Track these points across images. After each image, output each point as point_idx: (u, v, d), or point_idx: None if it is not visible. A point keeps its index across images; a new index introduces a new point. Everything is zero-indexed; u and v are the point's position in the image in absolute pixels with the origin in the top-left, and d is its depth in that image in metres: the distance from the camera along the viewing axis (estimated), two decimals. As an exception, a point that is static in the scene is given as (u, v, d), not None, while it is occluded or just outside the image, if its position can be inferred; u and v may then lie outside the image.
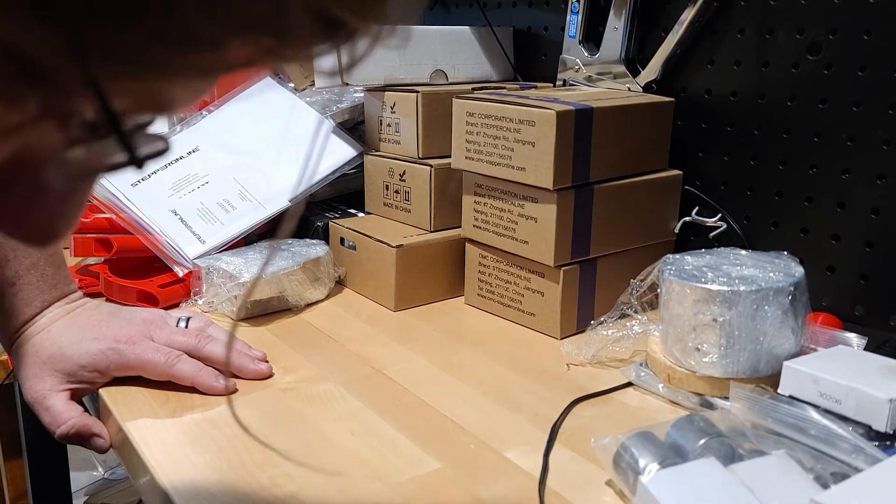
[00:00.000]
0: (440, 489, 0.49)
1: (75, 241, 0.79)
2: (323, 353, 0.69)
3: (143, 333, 0.61)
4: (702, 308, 0.57)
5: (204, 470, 0.50)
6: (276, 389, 0.62)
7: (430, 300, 0.82)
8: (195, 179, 0.86)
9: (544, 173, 0.69)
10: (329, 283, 0.83)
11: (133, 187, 0.84)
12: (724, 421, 0.50)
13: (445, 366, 0.67)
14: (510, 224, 0.74)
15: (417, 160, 0.84)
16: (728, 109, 0.80)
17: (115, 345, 0.59)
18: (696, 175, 0.83)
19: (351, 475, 0.50)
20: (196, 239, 0.81)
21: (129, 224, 0.81)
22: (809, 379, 0.51)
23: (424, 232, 0.83)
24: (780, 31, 0.75)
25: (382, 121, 0.88)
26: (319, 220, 0.89)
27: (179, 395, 0.60)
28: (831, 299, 0.74)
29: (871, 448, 0.46)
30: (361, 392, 0.62)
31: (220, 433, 0.55)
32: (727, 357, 0.57)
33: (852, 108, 0.70)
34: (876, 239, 0.70)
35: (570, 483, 0.50)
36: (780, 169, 0.76)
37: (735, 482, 0.43)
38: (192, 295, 0.78)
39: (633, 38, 0.87)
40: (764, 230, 0.79)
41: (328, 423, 0.57)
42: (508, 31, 1.02)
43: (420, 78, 0.92)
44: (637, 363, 0.64)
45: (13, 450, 1.44)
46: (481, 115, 0.74)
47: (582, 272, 0.73)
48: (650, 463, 0.46)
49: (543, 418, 0.58)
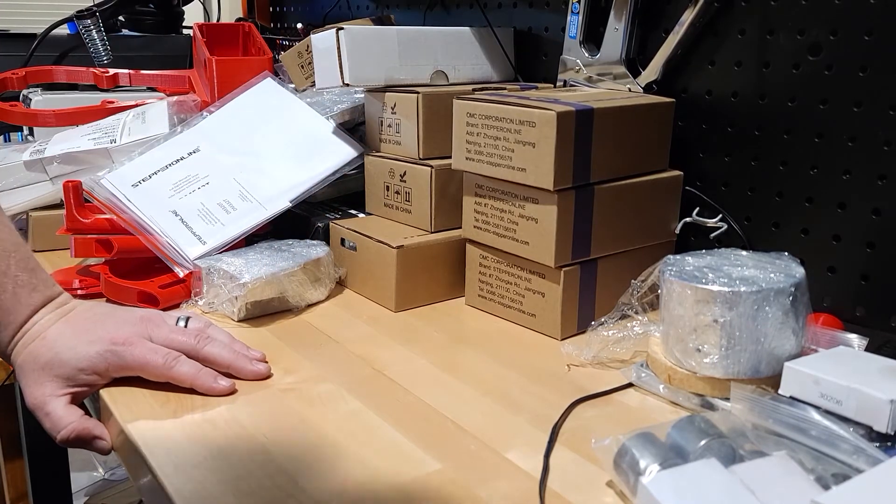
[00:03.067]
0: (440, 490, 0.49)
1: (76, 242, 0.79)
2: (323, 353, 0.69)
3: (140, 333, 0.61)
4: (702, 309, 0.57)
5: (204, 470, 0.50)
6: (276, 390, 0.62)
7: (431, 301, 0.82)
8: (196, 180, 0.86)
9: (545, 174, 0.69)
10: (330, 283, 0.83)
11: (134, 188, 0.84)
12: (725, 422, 0.50)
13: (446, 366, 0.67)
14: (511, 225, 0.74)
15: (418, 161, 0.84)
16: (729, 110, 0.80)
17: (112, 346, 0.59)
18: (696, 176, 0.83)
19: (351, 476, 0.50)
20: (196, 239, 0.81)
21: (129, 225, 0.81)
22: (810, 380, 0.51)
23: (425, 233, 0.83)
24: (781, 32, 0.75)
25: (383, 121, 0.88)
26: (320, 221, 0.89)
27: (180, 396, 0.60)
28: (832, 300, 0.74)
29: (871, 449, 0.46)
30: (362, 393, 0.62)
31: (220, 434, 0.55)
32: (728, 358, 0.57)
33: (853, 109, 0.70)
34: (877, 239, 0.70)
35: (570, 484, 0.50)
36: (781, 169, 0.76)
37: (736, 483, 0.43)
38: (192, 296, 0.78)
39: (634, 39, 0.87)
40: (765, 231, 0.79)
41: (329, 424, 0.57)
42: (509, 32, 1.02)
43: (421, 79, 0.92)
44: (638, 364, 0.64)
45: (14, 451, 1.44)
46: (482, 116, 0.74)
47: (582, 273, 0.73)
48: (651, 464, 0.46)
49: (544, 419, 0.58)
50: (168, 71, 1.19)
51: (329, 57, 0.87)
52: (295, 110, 0.94)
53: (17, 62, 1.24)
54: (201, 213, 0.83)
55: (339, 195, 0.97)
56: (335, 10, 1.42)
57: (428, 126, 0.84)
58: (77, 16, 1.29)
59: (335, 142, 0.91)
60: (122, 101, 1.07)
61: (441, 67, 0.94)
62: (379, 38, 0.88)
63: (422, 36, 0.92)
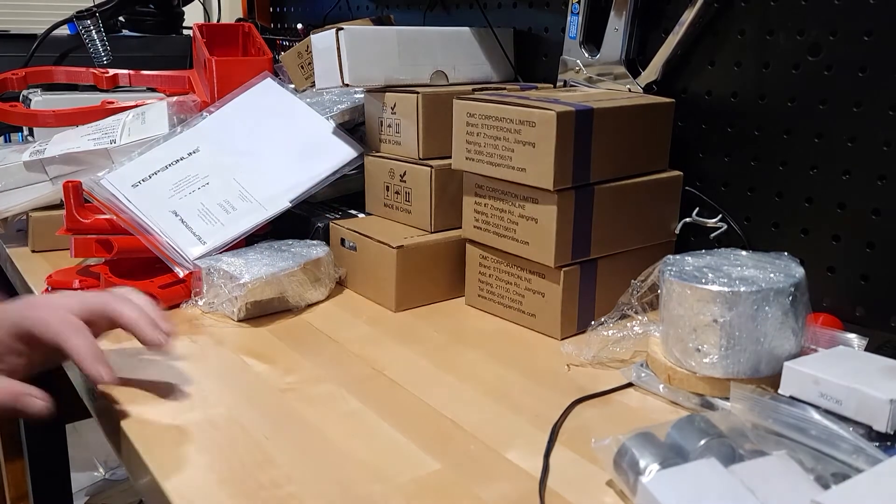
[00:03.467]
0: (440, 490, 0.49)
1: (76, 242, 0.79)
2: (323, 353, 0.69)
3: (49, 303, 0.59)
4: (702, 309, 0.57)
5: (204, 470, 0.50)
6: (276, 390, 0.62)
7: (431, 301, 0.82)
8: (196, 180, 0.86)
9: (545, 174, 0.69)
10: (329, 283, 0.83)
11: (134, 188, 0.84)
12: (725, 421, 0.50)
13: (446, 366, 0.67)
14: (511, 225, 0.74)
15: (418, 161, 0.84)
16: (728, 110, 0.80)
17: (21, 314, 0.58)
18: (696, 176, 0.84)
19: (351, 476, 0.50)
20: (197, 240, 0.81)
21: (129, 225, 0.81)
22: (810, 379, 0.51)
23: (425, 233, 0.83)
24: (781, 32, 0.75)
25: (383, 122, 0.88)
26: (320, 221, 0.89)
27: (180, 397, 0.60)
28: (832, 300, 0.74)
29: (871, 449, 0.46)
30: (362, 393, 0.62)
31: (220, 434, 0.55)
32: (728, 358, 0.57)
33: (853, 109, 0.70)
34: (876, 239, 0.70)
35: (570, 484, 0.50)
36: (781, 170, 0.76)
37: (736, 483, 0.43)
38: (192, 295, 0.78)
39: (634, 39, 0.87)
40: (764, 231, 0.79)
41: (328, 424, 0.57)
42: (509, 32, 1.02)
43: (420, 79, 0.92)
44: (637, 364, 0.64)
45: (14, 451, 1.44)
46: (482, 116, 0.74)
47: (582, 273, 0.73)
48: (651, 463, 0.46)
49: (544, 419, 0.58)
50: (168, 71, 1.20)
51: (329, 57, 0.87)
52: (295, 111, 0.94)
53: (17, 63, 1.24)
54: (201, 213, 0.83)
55: (339, 195, 0.97)
56: (335, 11, 1.42)
57: (428, 126, 0.84)
58: (77, 16, 1.29)
59: (335, 142, 0.91)
60: (122, 102, 1.07)
61: (441, 68, 0.94)
62: (379, 38, 0.88)
63: (422, 36, 0.92)
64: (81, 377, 0.66)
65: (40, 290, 0.81)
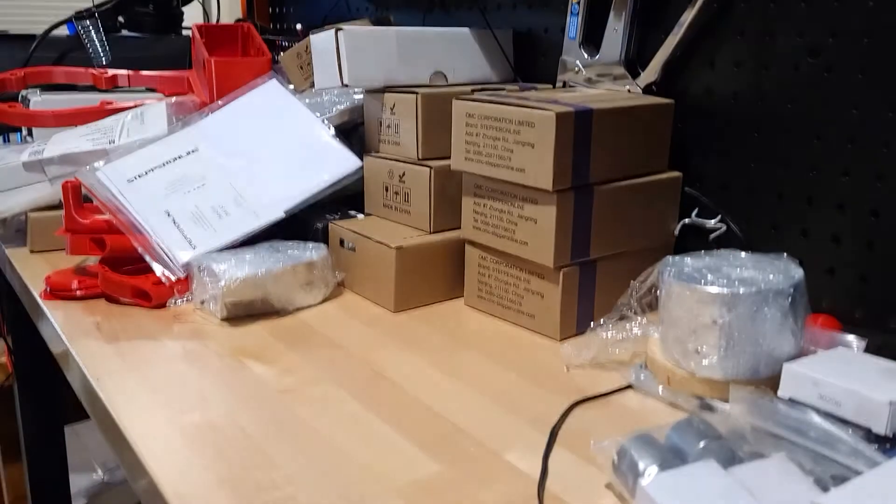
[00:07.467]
0: (439, 492, 0.49)
1: (71, 240, 0.80)
2: (322, 354, 0.69)
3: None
4: (701, 310, 0.57)
5: (203, 472, 0.50)
6: (275, 391, 0.62)
7: (430, 302, 0.82)
8: (192, 181, 0.85)
9: (544, 175, 0.69)
10: (325, 288, 0.82)
11: (129, 183, 0.84)
12: (724, 423, 0.50)
13: (445, 367, 0.67)
14: (510, 225, 0.74)
15: (417, 161, 0.84)
16: (728, 111, 0.80)
17: None
18: (695, 177, 0.83)
19: (350, 477, 0.50)
20: (187, 243, 0.80)
21: (123, 226, 0.81)
22: (809, 381, 0.51)
23: (424, 233, 0.83)
24: (781, 33, 0.75)
25: (382, 122, 0.88)
26: (319, 222, 0.89)
27: (179, 397, 0.60)
28: (831, 301, 0.74)
29: (870, 451, 0.46)
30: (361, 394, 0.61)
31: (219, 435, 0.55)
32: (727, 359, 0.57)
33: (852, 111, 0.70)
34: (876, 241, 0.70)
35: (569, 486, 0.50)
36: (780, 171, 0.76)
37: (735, 485, 0.43)
38: (184, 292, 0.78)
39: (633, 40, 0.87)
40: (764, 232, 0.79)
41: (327, 425, 0.57)
42: (508, 33, 1.02)
43: (420, 79, 0.92)
44: (637, 365, 0.64)
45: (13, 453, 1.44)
46: (481, 117, 0.74)
47: (582, 274, 0.73)
48: (650, 465, 0.46)
49: (543, 420, 0.58)
50: (167, 72, 1.20)
51: (328, 58, 0.87)
52: (298, 116, 0.93)
53: (17, 63, 1.24)
54: (194, 216, 0.83)
55: (338, 196, 0.97)
56: (334, 11, 1.42)
57: (427, 127, 0.84)
58: (76, 16, 1.29)
59: (335, 152, 0.90)
60: (121, 102, 1.07)
61: (440, 68, 0.94)
62: (378, 38, 0.88)
63: (421, 37, 0.92)
64: (81, 378, 0.65)
65: (39, 291, 0.81)
